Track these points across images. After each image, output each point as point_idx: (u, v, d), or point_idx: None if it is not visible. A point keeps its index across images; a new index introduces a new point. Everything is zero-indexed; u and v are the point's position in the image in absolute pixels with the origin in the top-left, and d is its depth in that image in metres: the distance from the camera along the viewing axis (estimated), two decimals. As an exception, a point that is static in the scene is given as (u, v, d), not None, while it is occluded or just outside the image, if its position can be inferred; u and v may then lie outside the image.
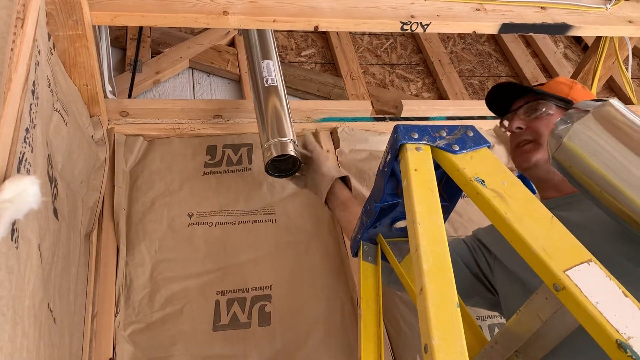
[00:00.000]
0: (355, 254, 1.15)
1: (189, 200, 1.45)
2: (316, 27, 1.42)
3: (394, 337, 1.28)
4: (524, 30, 1.59)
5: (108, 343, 1.16)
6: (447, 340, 0.63)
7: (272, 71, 1.49)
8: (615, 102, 0.84)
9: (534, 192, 1.61)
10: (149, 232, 1.37)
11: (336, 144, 1.67)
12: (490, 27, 1.55)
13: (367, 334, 1.01)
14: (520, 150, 1.20)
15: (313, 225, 1.47)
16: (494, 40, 2.62)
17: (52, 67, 1.11)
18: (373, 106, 2.10)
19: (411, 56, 2.44)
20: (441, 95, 2.25)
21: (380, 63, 2.38)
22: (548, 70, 2.48)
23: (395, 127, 0.90)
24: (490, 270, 1.17)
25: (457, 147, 0.88)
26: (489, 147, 0.91)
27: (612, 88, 2.47)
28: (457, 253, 1.20)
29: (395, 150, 0.90)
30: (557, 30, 1.61)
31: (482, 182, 0.84)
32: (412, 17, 1.48)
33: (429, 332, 0.64)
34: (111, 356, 1.15)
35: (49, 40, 1.14)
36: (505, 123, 1.29)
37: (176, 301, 1.26)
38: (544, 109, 1.19)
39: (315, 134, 1.68)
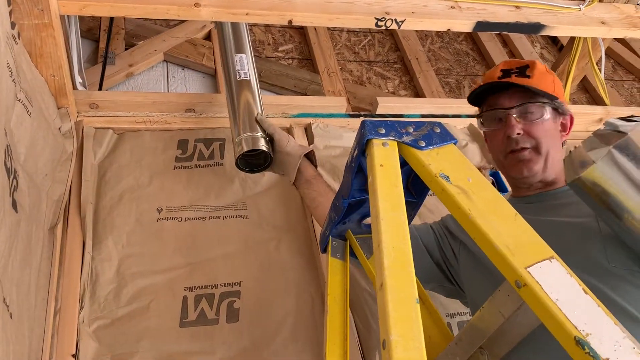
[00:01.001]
0: (324, 250, 1.14)
1: (158, 194, 1.43)
2: (290, 21, 1.41)
3: (362, 333, 1.28)
4: (498, 29, 1.60)
5: (71, 339, 1.13)
6: (405, 337, 0.63)
7: (246, 65, 1.47)
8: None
9: (505, 190, 1.62)
10: (116, 226, 1.34)
11: (310, 139, 1.66)
12: (464, 25, 1.56)
13: (333, 330, 1.01)
14: (517, 157, 1.10)
15: (285, 221, 1.45)
16: (472, 39, 2.63)
17: (15, 56, 1.08)
18: (350, 103, 2.09)
19: (389, 54, 2.44)
20: (418, 93, 2.25)
21: (358, 60, 2.37)
22: (524, 70, 2.50)
23: (363, 122, 0.90)
24: (455, 258, 1.16)
25: (423, 143, 0.88)
26: (455, 143, 0.90)
27: (586, 89, 2.50)
28: (422, 239, 1.19)
29: (362, 145, 0.89)
30: (530, 29, 1.62)
31: (447, 178, 0.83)
32: (387, 13, 1.48)
33: (387, 328, 0.63)
34: (74, 352, 1.12)
35: (12, 29, 1.11)
36: (488, 118, 1.18)
37: (143, 297, 1.24)
38: (542, 114, 1.09)
39: (290, 130, 1.67)
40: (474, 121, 1.85)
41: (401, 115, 1.81)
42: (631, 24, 1.72)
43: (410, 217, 1.11)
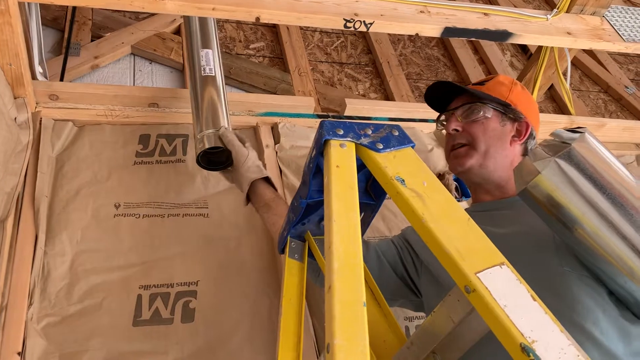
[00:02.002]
0: (282, 251, 1.13)
1: (116, 190, 1.39)
2: (257, 18, 1.39)
3: (320, 334, 1.27)
4: (466, 35, 1.60)
5: (17, 336, 1.10)
6: (350, 341, 0.62)
7: (211, 61, 1.45)
8: (590, 135, 0.84)
9: (468, 194, 1.63)
10: (71, 221, 1.31)
11: (276, 139, 1.64)
12: (433, 29, 1.56)
13: (287, 332, 0.99)
14: (454, 154, 1.19)
15: (246, 221, 1.44)
16: (443, 45, 2.65)
17: (-34, 41, 1.04)
18: (319, 104, 2.08)
19: (361, 56, 2.44)
20: (388, 96, 2.25)
21: (330, 61, 2.36)
22: (494, 78, 2.53)
23: (321, 122, 0.89)
24: (416, 271, 1.17)
25: (381, 146, 0.87)
26: (412, 147, 0.90)
27: (554, 98, 2.54)
28: (384, 254, 1.19)
29: (320, 145, 0.88)
30: (498, 37, 1.63)
31: (402, 181, 0.83)
32: (356, 15, 1.47)
33: (332, 331, 0.62)
34: (20, 350, 1.09)
35: (-36, 13, 1.07)
36: (443, 121, 1.29)
37: (96, 294, 1.21)
38: (481, 113, 1.17)
39: (256, 128, 1.65)
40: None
41: (369, 118, 1.81)
42: (596, 35, 1.75)
43: (369, 219, 1.10)
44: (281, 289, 1.05)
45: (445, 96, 1.26)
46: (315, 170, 0.93)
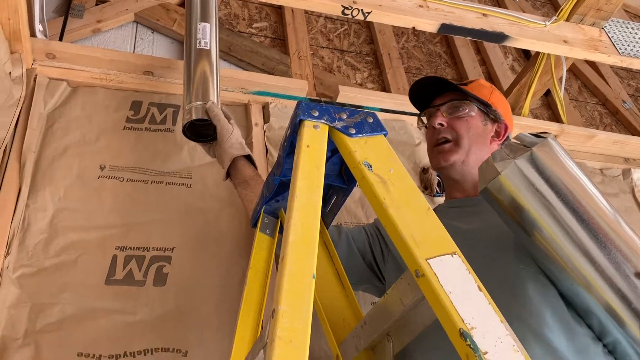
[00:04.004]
0: (254, 225, 1.16)
1: (103, 152, 1.42)
2: (256, -3, 1.41)
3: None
4: (462, 34, 1.62)
5: (-8, 283, 1.13)
6: (294, 308, 0.65)
7: (208, 34, 1.47)
8: (553, 141, 0.86)
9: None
10: (56, 178, 1.34)
11: (266, 118, 1.67)
12: (429, 25, 1.58)
13: (249, 302, 1.03)
14: (438, 149, 1.21)
15: (228, 195, 1.46)
16: (447, 42, 2.66)
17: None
18: (315, 89, 2.10)
19: (363, 45, 2.46)
20: (385, 88, 2.27)
21: (331, 47, 2.38)
22: (493, 79, 2.54)
23: (298, 103, 0.91)
24: (383, 259, 1.20)
25: (353, 131, 0.90)
26: (385, 135, 0.93)
27: (550, 105, 2.56)
28: (355, 241, 1.22)
29: (295, 125, 0.91)
30: (494, 38, 1.66)
31: (370, 166, 0.86)
32: (354, 2, 1.49)
33: (278, 298, 0.65)
34: (-7, 296, 1.12)
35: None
36: (424, 119, 1.31)
37: (72, 250, 1.24)
38: (467, 110, 1.20)
39: (247, 106, 1.67)
40: (432, 121, 1.89)
41: (360, 107, 1.83)
42: (592, 46, 1.77)
43: (341, 202, 1.13)
44: (249, 261, 1.08)
45: (428, 94, 1.29)
46: (290, 149, 0.96)
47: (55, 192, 1.31)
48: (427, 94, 1.29)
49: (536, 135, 0.87)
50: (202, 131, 1.36)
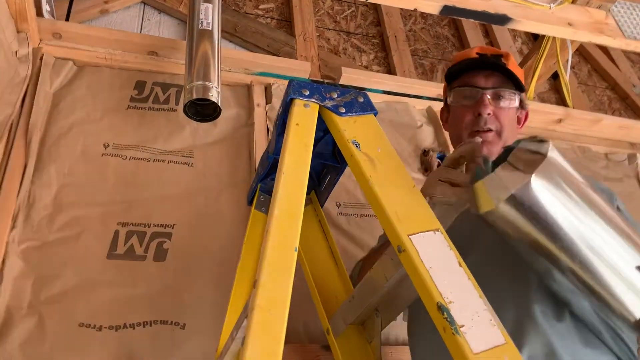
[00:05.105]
0: (250, 202, 1.19)
1: (107, 130, 1.45)
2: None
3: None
4: (464, 15, 1.62)
5: (-2, 255, 1.17)
6: (275, 279, 0.68)
7: (210, 15, 1.49)
8: (554, 152, 0.74)
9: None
10: (61, 155, 1.37)
11: (268, 99, 1.68)
12: (431, 6, 1.58)
13: (242, 277, 1.06)
14: (484, 137, 1.10)
15: (230, 174, 1.49)
16: (454, 25, 2.65)
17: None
18: (320, 70, 2.11)
19: (369, 27, 2.45)
20: (390, 70, 2.27)
21: (337, 29, 2.38)
22: (501, 63, 2.53)
23: (290, 81, 0.93)
24: None
25: (343, 110, 0.92)
26: (375, 114, 0.94)
27: (557, 89, 2.53)
28: None
29: (287, 104, 0.93)
30: (497, 20, 1.65)
31: (358, 145, 0.88)
32: (356, -16, 1.49)
33: (260, 269, 0.68)
34: (-1, 268, 1.16)
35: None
36: (459, 94, 1.15)
37: (76, 225, 1.28)
38: (513, 101, 1.12)
39: (250, 87, 1.69)
40: (434, 104, 1.89)
41: (363, 89, 1.84)
42: (597, 29, 1.75)
43: (335, 181, 1.15)
44: (243, 237, 1.11)
45: (461, 68, 1.17)
46: (282, 127, 0.98)
47: (59, 169, 1.35)
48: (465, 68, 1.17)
49: (537, 140, 0.75)
50: (203, 111, 1.39)
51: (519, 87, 1.13)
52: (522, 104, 1.16)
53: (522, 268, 0.90)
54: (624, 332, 0.78)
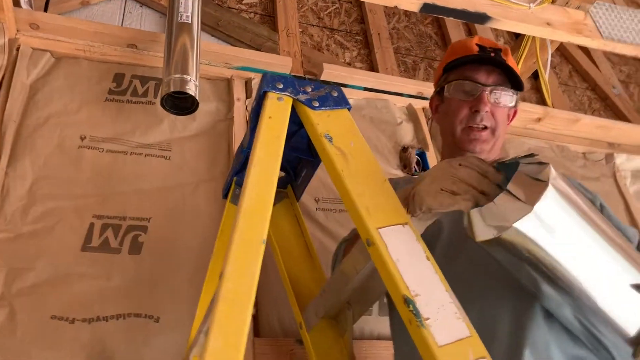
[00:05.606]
0: (225, 196, 1.19)
1: (84, 123, 1.44)
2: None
3: (260, 281, 1.31)
4: (444, 13, 1.63)
5: (-31, 247, 1.16)
6: (240, 271, 0.68)
7: (190, 8, 1.48)
8: (556, 178, 0.70)
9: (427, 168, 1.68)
10: (37, 147, 1.36)
11: (249, 94, 1.68)
12: (412, 4, 1.58)
13: (214, 271, 1.06)
14: (475, 135, 1.10)
15: (208, 168, 1.49)
16: (438, 23, 2.66)
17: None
18: (303, 66, 2.11)
19: (353, 24, 2.46)
20: (373, 67, 2.27)
21: (321, 26, 2.38)
22: (483, 62, 2.54)
23: (263, 75, 0.93)
24: None
25: (317, 104, 0.92)
26: (349, 109, 0.95)
27: (538, 89, 2.56)
28: None
29: (260, 97, 0.93)
30: (476, 18, 1.66)
31: (331, 139, 0.88)
32: (336, -21, 1.49)
33: (226, 261, 0.68)
34: (-30, 259, 1.15)
35: None
36: (457, 88, 1.13)
37: (50, 217, 1.27)
38: (510, 101, 1.11)
39: (230, 81, 1.69)
40: (414, 101, 1.90)
41: (344, 85, 1.85)
42: (576, 29, 1.77)
43: (310, 176, 1.16)
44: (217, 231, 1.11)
45: (461, 61, 1.14)
46: (255, 121, 0.98)
47: (35, 161, 1.34)
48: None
49: (533, 178, 0.70)
50: (181, 104, 1.38)
51: (518, 86, 1.12)
52: (516, 103, 1.15)
53: None
54: (618, 345, 0.77)
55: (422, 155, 1.73)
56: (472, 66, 1.11)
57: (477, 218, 0.72)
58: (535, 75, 2.41)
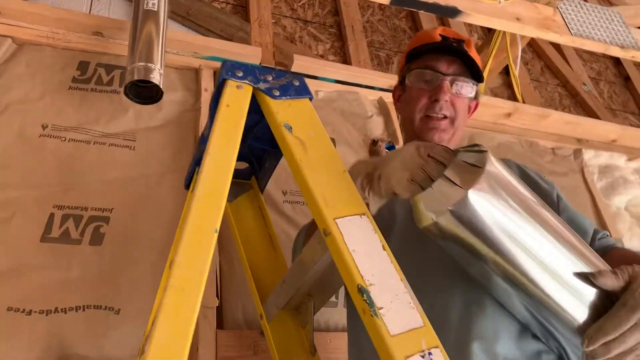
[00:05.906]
0: (187, 186, 1.17)
1: (47, 111, 1.41)
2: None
3: (225, 272, 1.32)
4: (414, 7, 1.63)
5: None
6: (190, 259, 0.67)
7: (156, -4, 1.45)
8: (492, 164, 0.71)
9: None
10: (-5, 135, 1.33)
11: (216, 83, 1.66)
12: (381, -4, 1.58)
13: (175, 261, 1.04)
14: (434, 124, 1.09)
15: (173, 159, 1.47)
16: (412, 17, 2.67)
17: None
18: (274, 57, 2.09)
19: (327, 17, 2.45)
20: (346, 60, 2.27)
21: (294, 17, 2.37)
22: (456, 57, 2.55)
23: (223, 63, 0.92)
24: None
25: (277, 93, 0.91)
26: (310, 99, 0.94)
27: (509, 84, 2.58)
28: None
29: (220, 85, 0.92)
30: (447, 12, 1.66)
31: (290, 128, 0.87)
32: (306, -30, 1.48)
33: (177, 249, 0.67)
34: None
35: None
36: (418, 76, 1.12)
37: (8, 207, 1.24)
38: (469, 91, 1.10)
39: (198, 71, 1.67)
40: (386, 94, 1.90)
41: (315, 77, 1.84)
42: (545, 25, 1.79)
43: (273, 167, 1.15)
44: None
45: (422, 50, 1.13)
46: (215, 109, 0.96)
47: (-7, 150, 1.30)
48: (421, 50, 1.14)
49: (475, 150, 0.72)
50: (145, 93, 1.36)
51: (478, 77, 1.11)
52: (476, 95, 1.15)
53: None
54: (566, 335, 0.77)
55: (392, 148, 1.73)
56: (434, 55, 1.10)
57: (419, 204, 0.73)
58: (507, 71, 2.44)
